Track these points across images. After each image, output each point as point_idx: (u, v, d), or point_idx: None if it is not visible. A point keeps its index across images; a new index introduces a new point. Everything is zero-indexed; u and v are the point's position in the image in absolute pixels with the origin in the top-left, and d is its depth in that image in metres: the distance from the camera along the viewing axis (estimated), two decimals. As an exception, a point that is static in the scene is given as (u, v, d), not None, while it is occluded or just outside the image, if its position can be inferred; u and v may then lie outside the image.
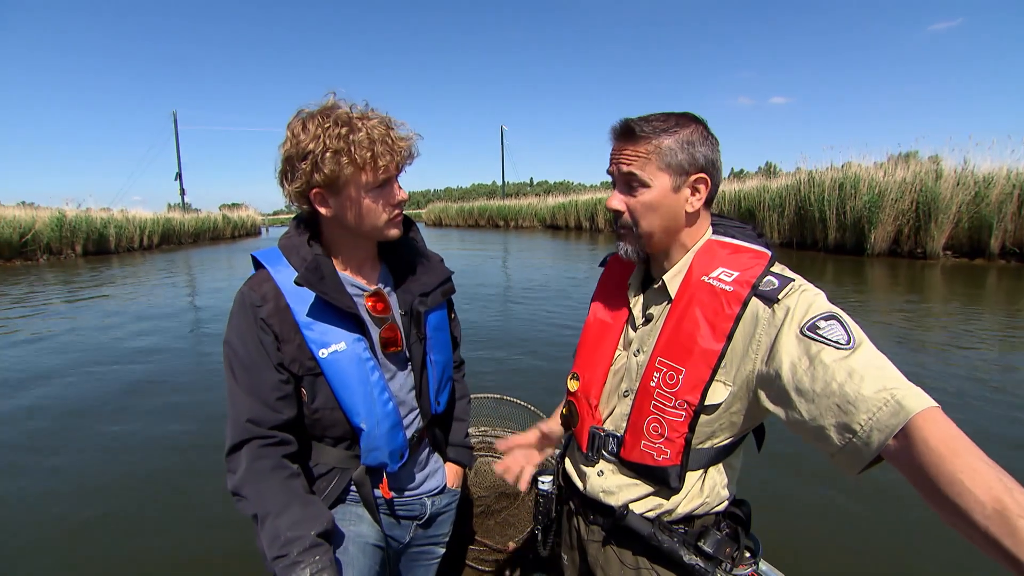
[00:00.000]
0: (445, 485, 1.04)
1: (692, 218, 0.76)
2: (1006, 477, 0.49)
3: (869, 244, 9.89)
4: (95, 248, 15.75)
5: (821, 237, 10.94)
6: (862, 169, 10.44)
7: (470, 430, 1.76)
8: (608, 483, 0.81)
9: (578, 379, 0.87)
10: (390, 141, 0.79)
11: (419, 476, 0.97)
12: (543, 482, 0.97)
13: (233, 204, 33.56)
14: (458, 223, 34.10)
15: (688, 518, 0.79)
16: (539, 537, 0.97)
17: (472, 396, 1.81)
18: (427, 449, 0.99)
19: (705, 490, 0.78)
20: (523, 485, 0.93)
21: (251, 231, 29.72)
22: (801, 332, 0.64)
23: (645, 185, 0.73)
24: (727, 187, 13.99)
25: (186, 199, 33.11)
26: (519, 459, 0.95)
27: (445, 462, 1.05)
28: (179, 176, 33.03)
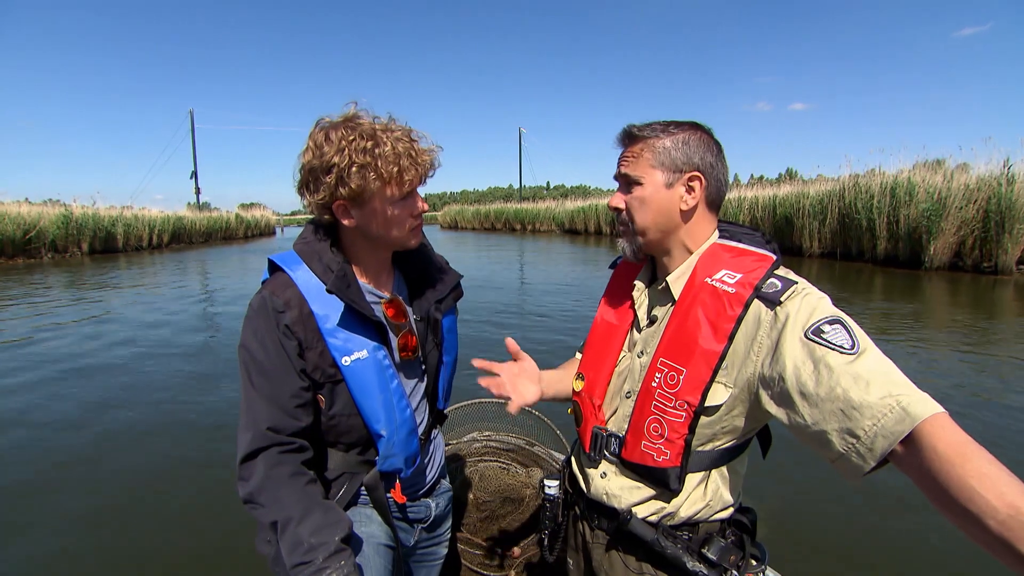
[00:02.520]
0: (445, 479, 1.09)
1: (688, 216, 0.79)
2: (1019, 481, 0.50)
3: (927, 256, 9.42)
4: (102, 247, 16.25)
5: (869, 248, 10.58)
6: (915, 173, 10.07)
7: (474, 434, 1.81)
8: (611, 485, 0.84)
9: (583, 379, 0.91)
10: (414, 154, 0.83)
11: (427, 475, 1.02)
12: (549, 487, 1.00)
13: (251, 204, 34.74)
14: (474, 226, 34.49)
15: (691, 523, 0.81)
16: (545, 542, 1.00)
17: (476, 401, 1.87)
18: (432, 446, 1.05)
19: (708, 494, 0.80)
20: (512, 407, 0.85)
21: (265, 231, 30.33)
22: (805, 336, 0.66)
23: (638, 183, 0.79)
24: (759, 192, 13.75)
25: (203, 198, 34.45)
26: (509, 378, 0.89)
27: None
28: (194, 175, 34.42)
